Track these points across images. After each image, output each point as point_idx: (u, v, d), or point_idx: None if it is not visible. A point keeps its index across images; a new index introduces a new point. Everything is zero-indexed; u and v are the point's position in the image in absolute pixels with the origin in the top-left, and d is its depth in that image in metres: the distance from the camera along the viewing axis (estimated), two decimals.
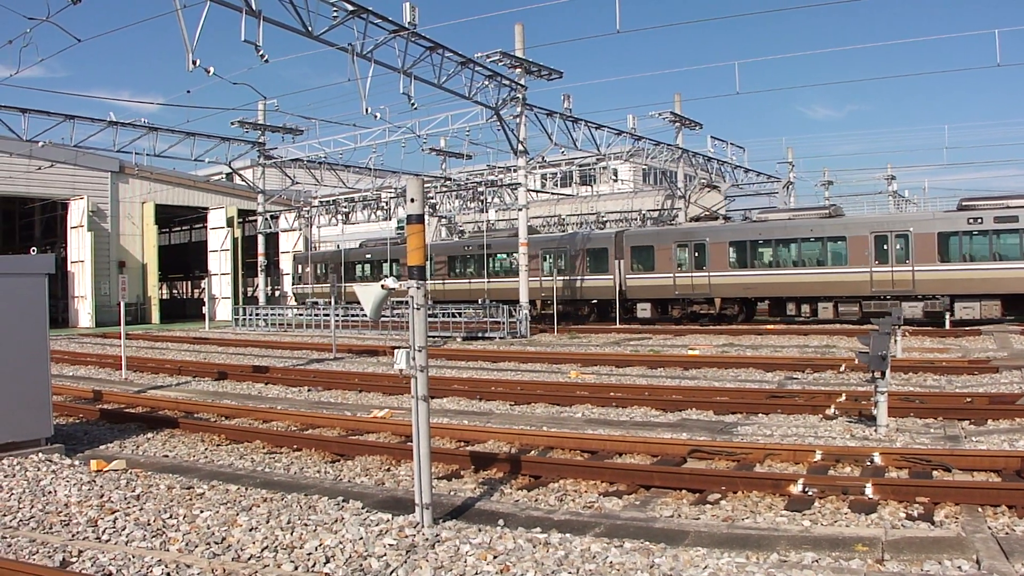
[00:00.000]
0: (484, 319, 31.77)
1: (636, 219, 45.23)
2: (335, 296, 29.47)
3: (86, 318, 45.77)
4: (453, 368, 20.27)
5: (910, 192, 58.45)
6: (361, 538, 6.48)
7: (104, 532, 6.97)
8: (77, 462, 9.75)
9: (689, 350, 22.49)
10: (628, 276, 34.71)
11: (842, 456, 9.05)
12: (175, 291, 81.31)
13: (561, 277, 35.74)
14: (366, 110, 24.34)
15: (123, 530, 7.00)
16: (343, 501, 7.68)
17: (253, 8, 19.65)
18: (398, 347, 6.90)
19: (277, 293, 51.69)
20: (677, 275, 33.58)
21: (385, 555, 6.10)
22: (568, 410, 13.35)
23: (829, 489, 7.73)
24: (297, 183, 45.01)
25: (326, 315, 36.58)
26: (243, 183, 47.61)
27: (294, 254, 51.61)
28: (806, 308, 30.67)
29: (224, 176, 54.68)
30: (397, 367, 6.72)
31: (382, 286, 7.05)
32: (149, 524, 7.12)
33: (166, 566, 6.03)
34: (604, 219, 47.69)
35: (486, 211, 41.98)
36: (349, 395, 16.15)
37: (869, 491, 7.54)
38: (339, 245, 53.93)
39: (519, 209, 32.35)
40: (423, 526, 6.71)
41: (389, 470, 9.53)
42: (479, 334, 30.54)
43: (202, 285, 53.54)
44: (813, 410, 12.14)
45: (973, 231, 27.90)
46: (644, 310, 34.28)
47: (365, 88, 23.42)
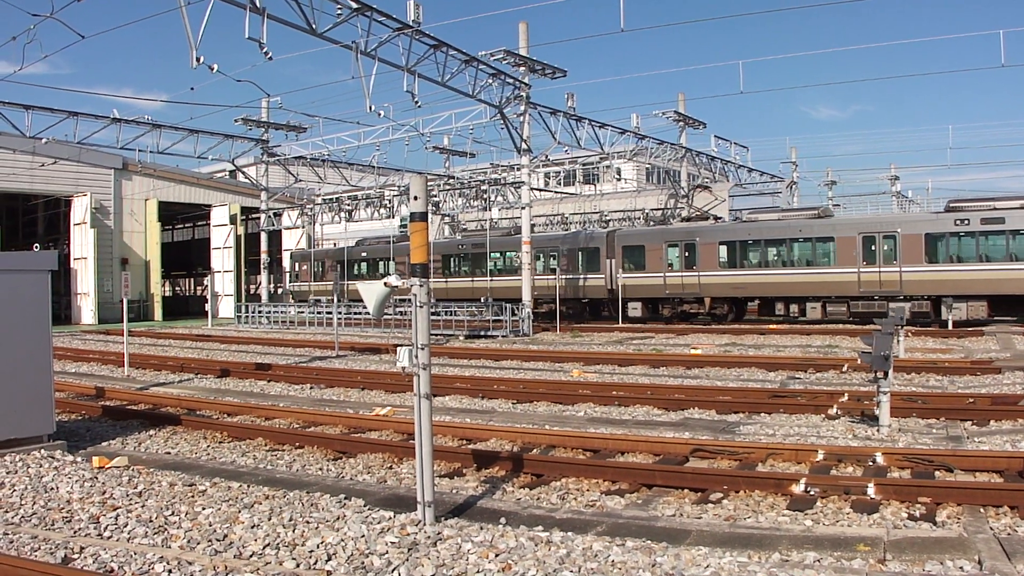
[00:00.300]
0: (486, 318, 31.81)
1: (640, 218, 45.20)
2: (337, 294, 29.48)
3: (89, 315, 45.83)
4: (455, 366, 20.27)
5: (914, 192, 58.41)
6: (363, 536, 6.48)
7: (106, 529, 6.98)
8: (79, 459, 9.76)
9: (691, 349, 22.48)
10: (619, 275, 34.98)
11: (844, 456, 9.04)
12: (178, 288, 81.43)
13: (555, 276, 35.82)
14: (370, 108, 24.35)
15: (125, 527, 7.00)
16: (345, 499, 7.68)
17: (257, 5, 19.66)
18: (401, 345, 6.90)
19: (280, 291, 51.74)
20: (668, 275, 33.83)
21: (387, 553, 6.10)
22: (570, 409, 13.35)
23: (831, 489, 7.71)
24: (300, 181, 45.06)
25: (328, 313, 36.62)
26: (246, 180, 47.64)
27: (291, 252, 51.68)
28: (795, 308, 30.91)
29: (227, 173, 54.67)
30: (400, 365, 6.71)
31: (385, 284, 7.05)
32: (151, 521, 7.12)
33: (168, 563, 6.03)
34: (607, 218, 47.68)
35: (489, 209, 41.95)
36: (351, 393, 16.16)
37: (871, 491, 7.53)
38: (335, 243, 54.04)
39: (522, 208, 32.36)
40: (425, 524, 6.71)
41: (391, 468, 9.53)
42: (481, 332, 30.56)
43: (205, 282, 53.59)
44: (815, 410, 12.12)
45: (960, 232, 28.10)
46: (635, 309, 34.49)
47: (369, 86, 23.44)
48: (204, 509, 7.39)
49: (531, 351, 23.03)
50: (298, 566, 5.94)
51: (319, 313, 38.53)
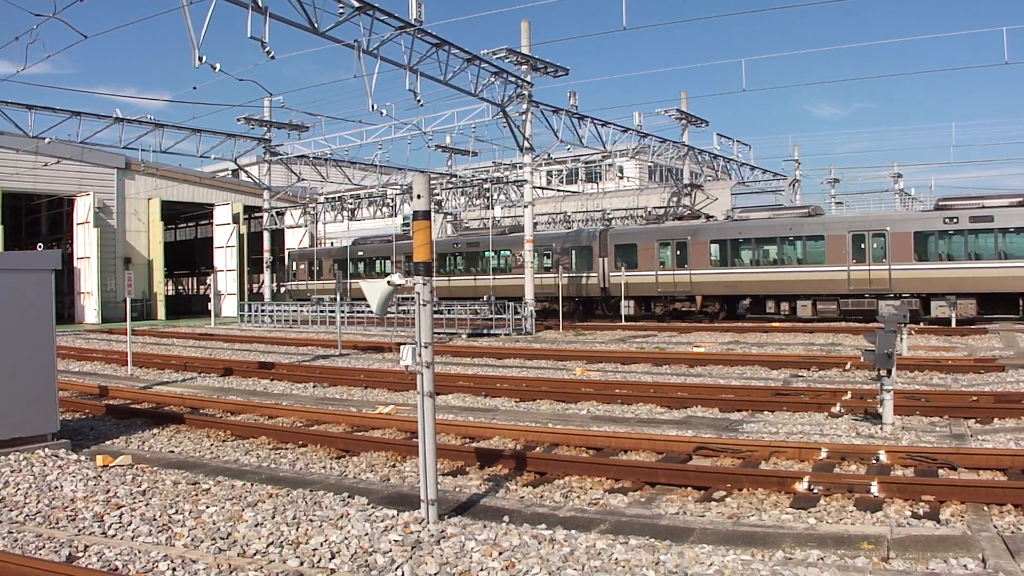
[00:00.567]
0: (487, 316, 31.85)
1: (642, 216, 45.25)
2: (340, 292, 29.53)
3: (92, 314, 45.90)
4: (459, 364, 20.28)
5: (917, 190, 58.26)
6: (366, 534, 6.49)
7: (110, 527, 6.99)
8: (83, 457, 9.78)
9: (694, 347, 22.48)
10: (612, 274, 35.15)
11: (848, 454, 9.03)
12: (181, 287, 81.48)
13: (550, 275, 35.88)
14: (372, 107, 24.36)
15: (129, 525, 7.01)
16: (348, 497, 7.69)
17: (259, 5, 19.65)
18: (404, 343, 6.90)
19: (283, 289, 51.82)
20: (659, 273, 33.95)
21: (390, 551, 6.11)
22: (573, 407, 13.35)
23: (834, 487, 7.71)
24: (303, 179, 45.08)
25: (331, 311, 36.64)
26: (249, 179, 47.67)
27: (288, 252, 51.75)
28: (785, 306, 31.00)
29: (230, 172, 54.74)
30: (403, 363, 6.72)
31: (388, 282, 7.05)
32: (155, 519, 7.14)
33: (172, 561, 6.04)
34: (610, 216, 47.75)
35: (491, 208, 41.98)
36: (355, 391, 16.17)
37: (875, 489, 7.53)
38: (332, 243, 54.10)
39: (525, 206, 32.35)
40: (428, 522, 6.71)
41: (394, 466, 9.54)
42: (484, 331, 30.57)
43: (208, 281, 53.65)
44: (819, 408, 12.12)
45: (949, 231, 28.19)
46: (628, 307, 34.60)
47: (371, 84, 23.45)
48: (208, 507, 7.40)
49: (534, 349, 23.03)
50: (302, 564, 5.95)
51: (322, 312, 38.56)
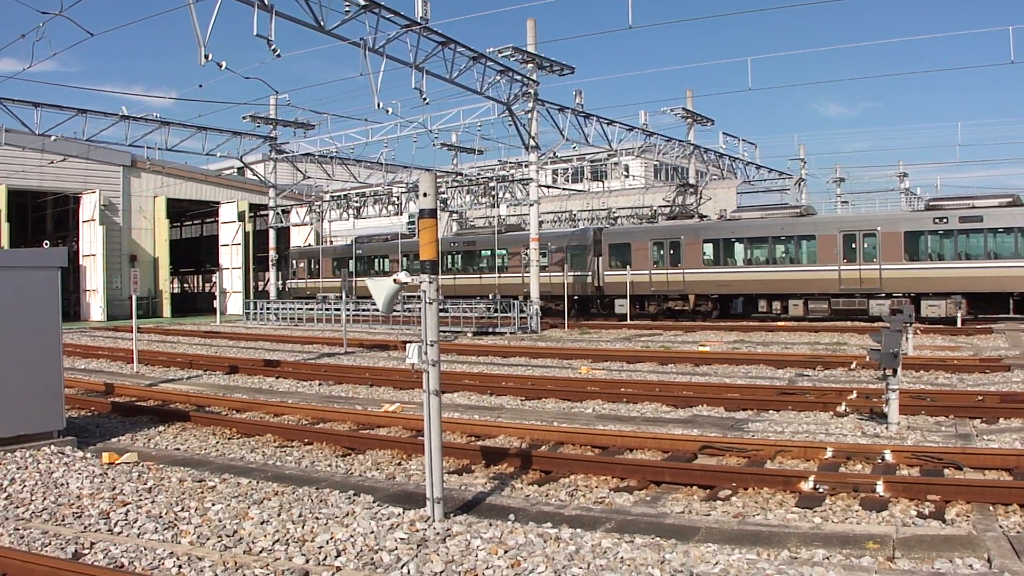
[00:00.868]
0: (492, 315, 31.88)
1: (648, 215, 45.29)
2: (345, 291, 29.55)
3: (98, 312, 45.99)
4: (464, 363, 20.29)
5: (923, 190, 58.12)
6: (372, 532, 6.49)
7: (116, 524, 7.01)
8: (89, 454, 9.81)
9: (700, 346, 22.46)
10: (606, 273, 35.34)
11: (853, 453, 9.01)
12: (186, 285, 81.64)
13: (545, 273, 35.98)
14: (378, 105, 24.37)
15: (135, 522, 7.03)
16: (354, 495, 7.70)
17: (265, 2, 19.69)
18: (410, 342, 6.91)
19: (288, 287, 51.92)
20: (653, 272, 34.16)
21: (396, 549, 6.12)
22: (579, 405, 13.35)
23: (840, 486, 7.70)
24: (308, 178, 45.15)
25: (336, 309, 36.68)
26: (254, 178, 47.72)
27: (288, 250, 51.82)
28: (777, 305, 31.14)
29: (236, 171, 54.79)
30: (409, 362, 6.72)
31: (394, 280, 7.05)
32: (161, 516, 7.16)
33: (178, 558, 6.06)
34: (616, 215, 47.77)
35: (497, 206, 41.99)
36: (360, 389, 16.19)
37: (880, 489, 7.52)
38: (331, 241, 54.18)
39: (530, 204, 32.35)
40: (434, 520, 6.72)
41: (400, 464, 9.55)
42: (489, 329, 30.59)
43: (213, 279, 53.74)
44: (824, 407, 12.10)
45: (939, 230, 28.31)
46: (622, 306, 34.79)
47: (377, 83, 23.48)
48: (214, 505, 7.42)
49: (539, 348, 23.03)
50: (308, 562, 5.96)
51: (327, 310, 38.61)
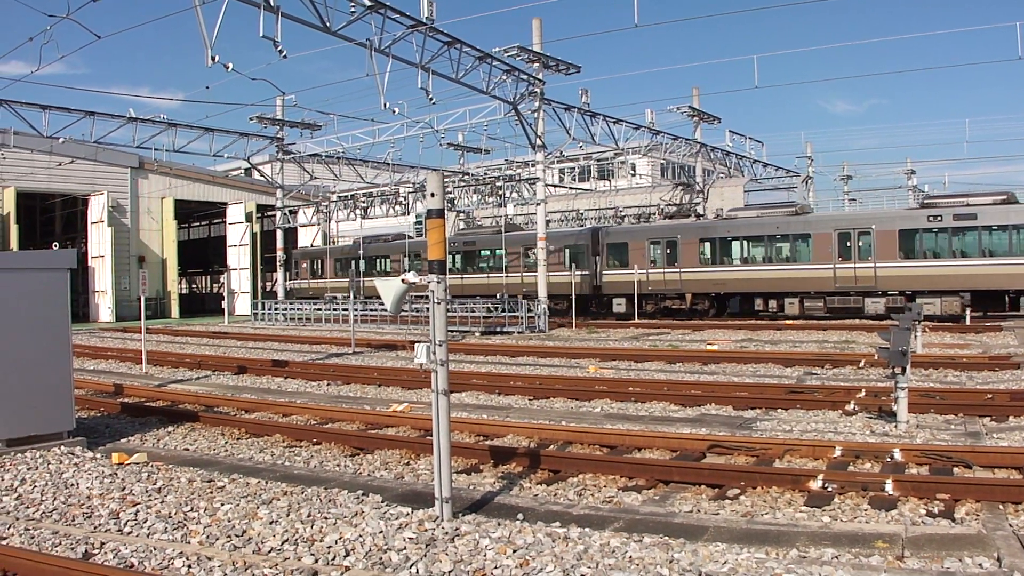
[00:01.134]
0: (500, 314, 31.91)
1: (655, 214, 45.27)
2: (354, 291, 29.61)
3: (106, 313, 46.19)
4: (472, 363, 20.31)
5: (930, 187, 57.86)
6: (381, 531, 6.50)
7: (126, 524, 7.04)
8: (99, 455, 9.85)
9: (708, 345, 22.42)
10: (604, 272, 35.51)
11: (862, 452, 8.99)
12: (194, 286, 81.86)
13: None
14: (384, 105, 24.40)
15: (145, 522, 7.06)
16: (363, 495, 7.71)
17: (271, 4, 19.73)
18: (418, 342, 6.91)
19: (290, 288, 52.04)
20: (650, 271, 34.26)
21: (405, 548, 6.12)
22: (587, 405, 13.35)
23: (849, 485, 7.68)
24: (315, 178, 45.22)
25: (344, 309, 36.74)
26: (262, 178, 47.88)
27: (292, 251, 51.92)
28: (773, 303, 31.21)
29: (243, 171, 54.96)
30: (417, 361, 6.72)
31: (403, 280, 7.06)
32: (170, 517, 7.18)
33: (187, 558, 6.08)
34: (622, 213, 47.79)
35: (504, 206, 42.01)
36: (368, 389, 16.22)
37: (889, 487, 7.49)
38: (335, 242, 54.28)
39: (537, 204, 32.35)
40: (443, 520, 6.73)
41: (408, 464, 9.56)
42: (497, 328, 30.60)
43: (221, 280, 53.90)
44: (833, 406, 12.07)
45: (934, 228, 28.33)
46: (619, 305, 34.96)
47: (383, 83, 23.48)
48: (223, 505, 7.44)
49: (547, 347, 23.03)
50: (316, 561, 5.97)
51: (335, 310, 38.67)
